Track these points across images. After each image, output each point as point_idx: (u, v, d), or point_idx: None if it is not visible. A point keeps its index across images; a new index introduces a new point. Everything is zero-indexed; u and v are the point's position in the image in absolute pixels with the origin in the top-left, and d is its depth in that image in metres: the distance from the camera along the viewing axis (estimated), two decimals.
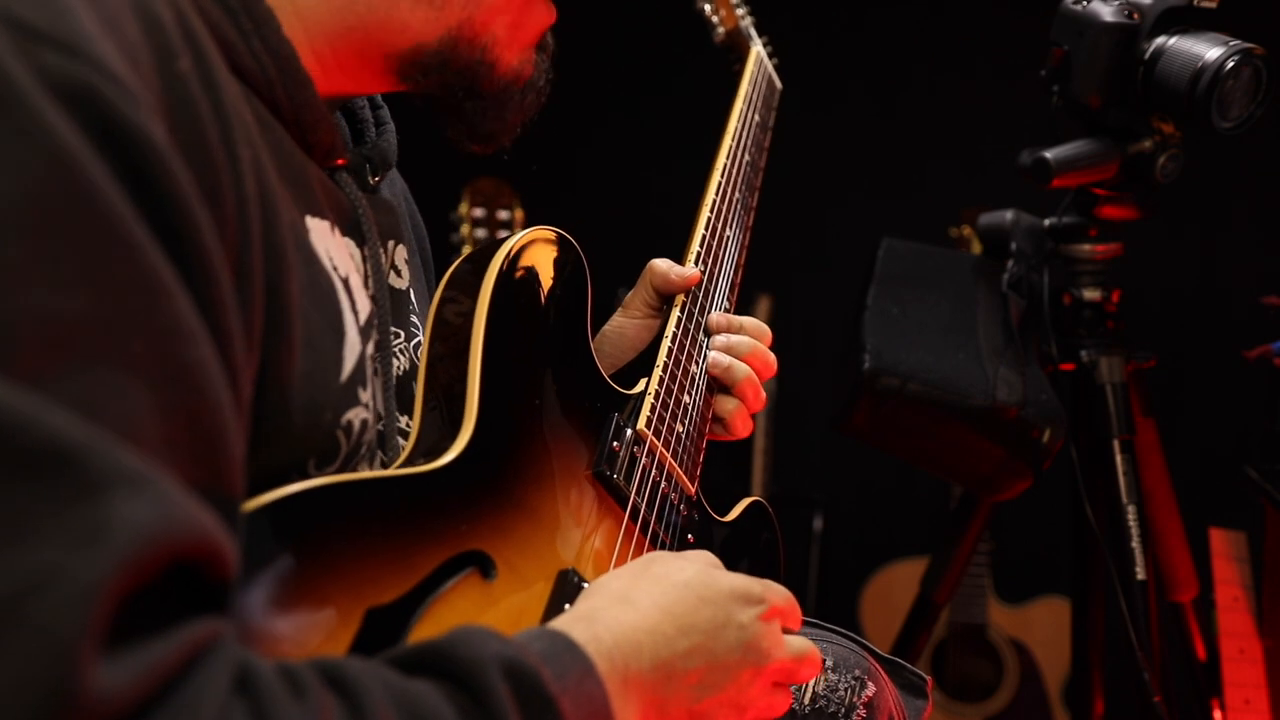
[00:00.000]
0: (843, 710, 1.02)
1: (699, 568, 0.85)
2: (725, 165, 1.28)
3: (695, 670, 0.80)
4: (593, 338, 1.04)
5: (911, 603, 2.00)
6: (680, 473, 1.05)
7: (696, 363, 1.12)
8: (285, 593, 0.69)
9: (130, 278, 0.57)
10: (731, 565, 0.91)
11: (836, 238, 2.87)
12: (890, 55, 2.87)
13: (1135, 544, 1.68)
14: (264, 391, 0.73)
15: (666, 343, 1.09)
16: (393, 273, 0.96)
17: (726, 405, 1.14)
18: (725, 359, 1.13)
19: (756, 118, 1.42)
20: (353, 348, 0.83)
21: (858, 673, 1.04)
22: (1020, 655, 2.59)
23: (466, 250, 2.26)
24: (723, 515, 1.12)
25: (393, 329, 0.94)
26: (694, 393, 1.10)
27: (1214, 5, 1.59)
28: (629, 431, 1.00)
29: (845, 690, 1.02)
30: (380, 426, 0.88)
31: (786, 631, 0.88)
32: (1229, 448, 2.48)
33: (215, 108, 0.67)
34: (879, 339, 1.71)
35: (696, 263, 1.16)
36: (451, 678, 0.67)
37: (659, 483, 1.01)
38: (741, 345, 1.14)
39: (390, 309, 0.92)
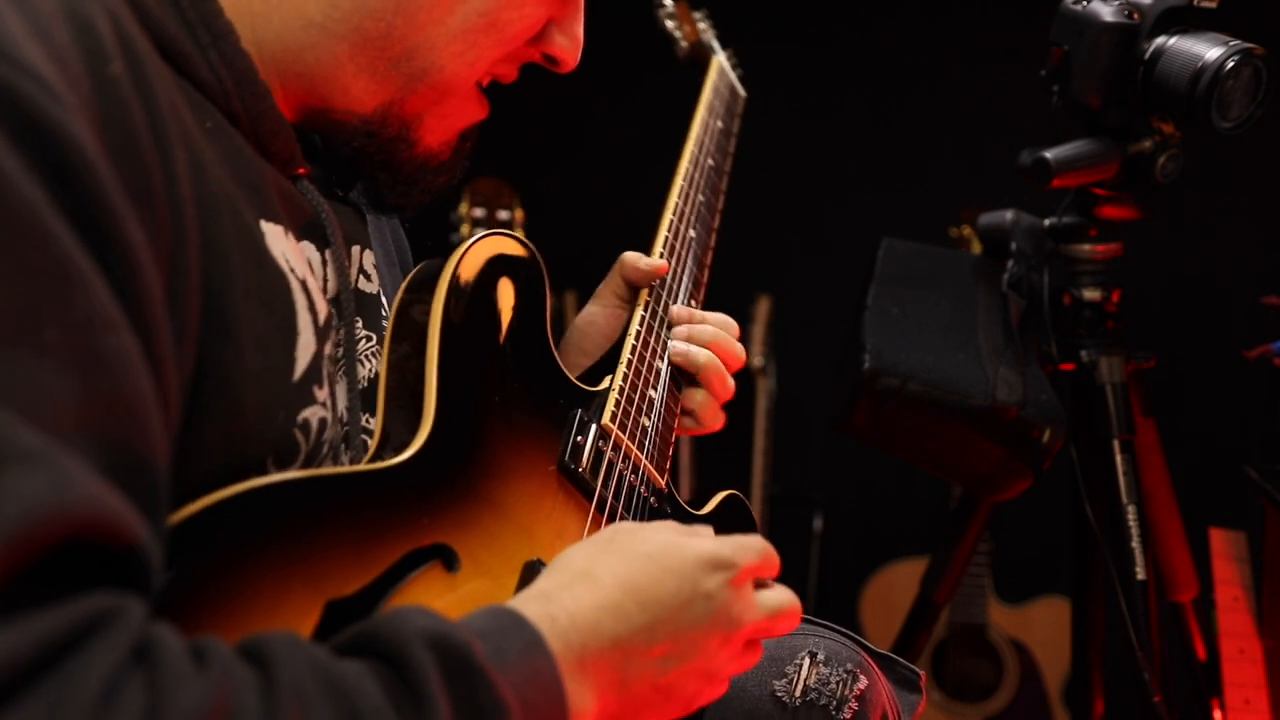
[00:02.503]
0: (834, 703, 1.02)
1: (665, 536, 0.83)
2: (689, 170, 1.32)
3: (659, 645, 0.79)
4: (555, 337, 1.06)
5: (911, 603, 2.00)
6: (649, 466, 1.06)
7: (661, 358, 1.14)
8: (244, 586, 0.70)
9: (43, 266, 0.58)
10: None
11: (836, 238, 2.87)
12: (890, 56, 2.87)
13: (1135, 544, 1.68)
14: (212, 392, 0.74)
15: (630, 340, 1.11)
16: (361, 277, 0.97)
17: (695, 397, 1.15)
18: (684, 345, 1.14)
19: (719, 124, 1.47)
20: (306, 348, 0.84)
21: (850, 666, 1.04)
22: (1020, 655, 2.59)
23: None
24: (697, 509, 1.13)
25: (365, 333, 0.95)
26: (659, 388, 1.11)
27: (1214, 5, 1.59)
28: (594, 426, 1.01)
29: (837, 684, 1.02)
30: (345, 427, 0.89)
31: (762, 586, 0.87)
32: (1229, 448, 2.48)
33: (149, 111, 0.69)
34: (879, 339, 1.71)
35: (666, 250, 1.20)
36: (378, 655, 0.67)
37: (626, 476, 1.02)
38: (703, 334, 1.16)
39: (358, 312, 0.93)
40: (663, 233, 1.23)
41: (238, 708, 0.59)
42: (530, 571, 0.87)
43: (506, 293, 1.00)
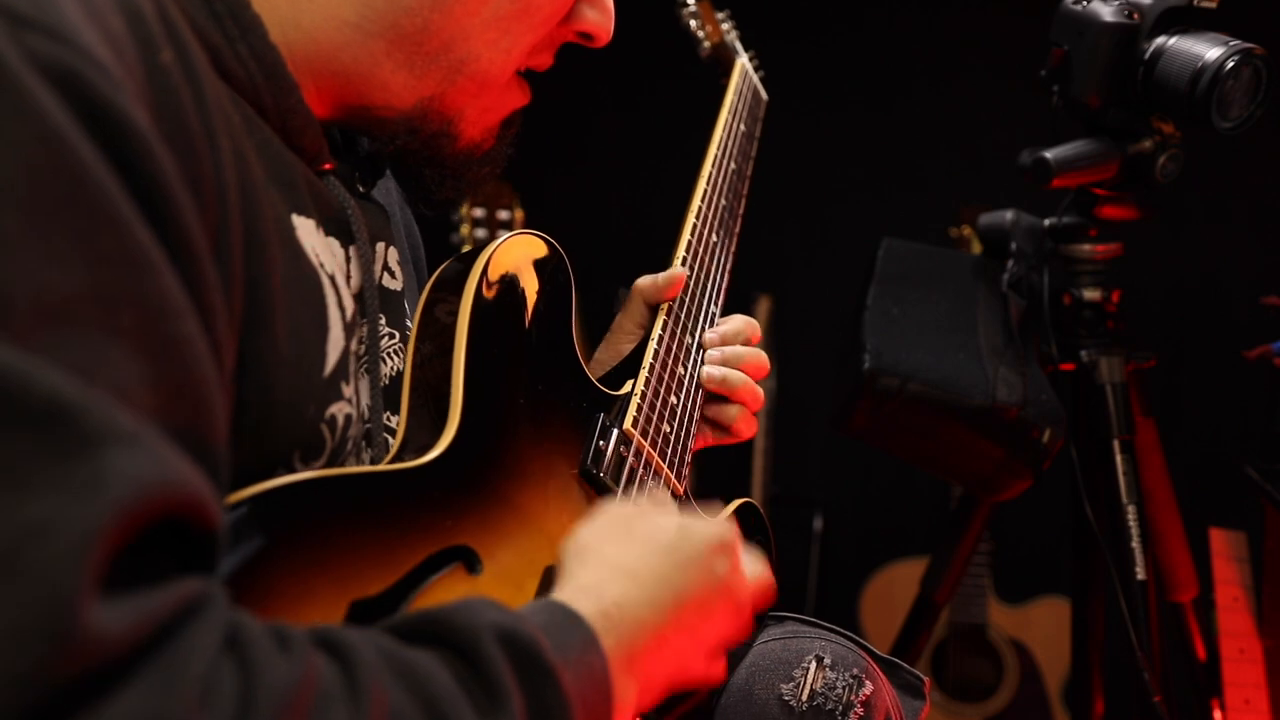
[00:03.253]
0: (840, 708, 1.02)
1: (677, 524, 0.86)
2: (711, 174, 1.32)
3: (687, 636, 0.82)
4: (581, 341, 1.06)
5: (911, 603, 2.00)
6: (668, 473, 1.06)
7: (684, 365, 1.14)
8: (270, 584, 0.70)
9: (119, 253, 0.59)
10: None
11: (836, 238, 2.87)
12: (890, 55, 2.87)
13: (1135, 544, 1.68)
14: (247, 379, 0.74)
15: (653, 345, 1.11)
16: (386, 274, 0.97)
17: (728, 412, 1.18)
18: (720, 371, 1.16)
19: (742, 128, 1.47)
20: (336, 343, 0.84)
21: (855, 671, 1.04)
22: (1020, 655, 2.59)
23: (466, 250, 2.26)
24: (713, 517, 1.12)
25: (388, 330, 0.95)
26: (682, 395, 1.12)
27: (1214, 5, 1.59)
28: (615, 431, 1.01)
29: (843, 688, 1.03)
30: (366, 424, 0.89)
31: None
32: (1229, 448, 2.49)
33: (197, 98, 0.69)
34: (879, 339, 1.72)
35: (682, 265, 1.19)
36: (448, 645, 0.67)
37: (646, 482, 1.02)
38: (736, 356, 1.18)
39: (382, 309, 0.94)
40: (686, 237, 1.22)
41: (324, 686, 0.60)
42: (550, 576, 0.87)
43: (532, 293, 0.99)
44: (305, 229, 0.84)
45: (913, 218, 2.48)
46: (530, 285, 0.99)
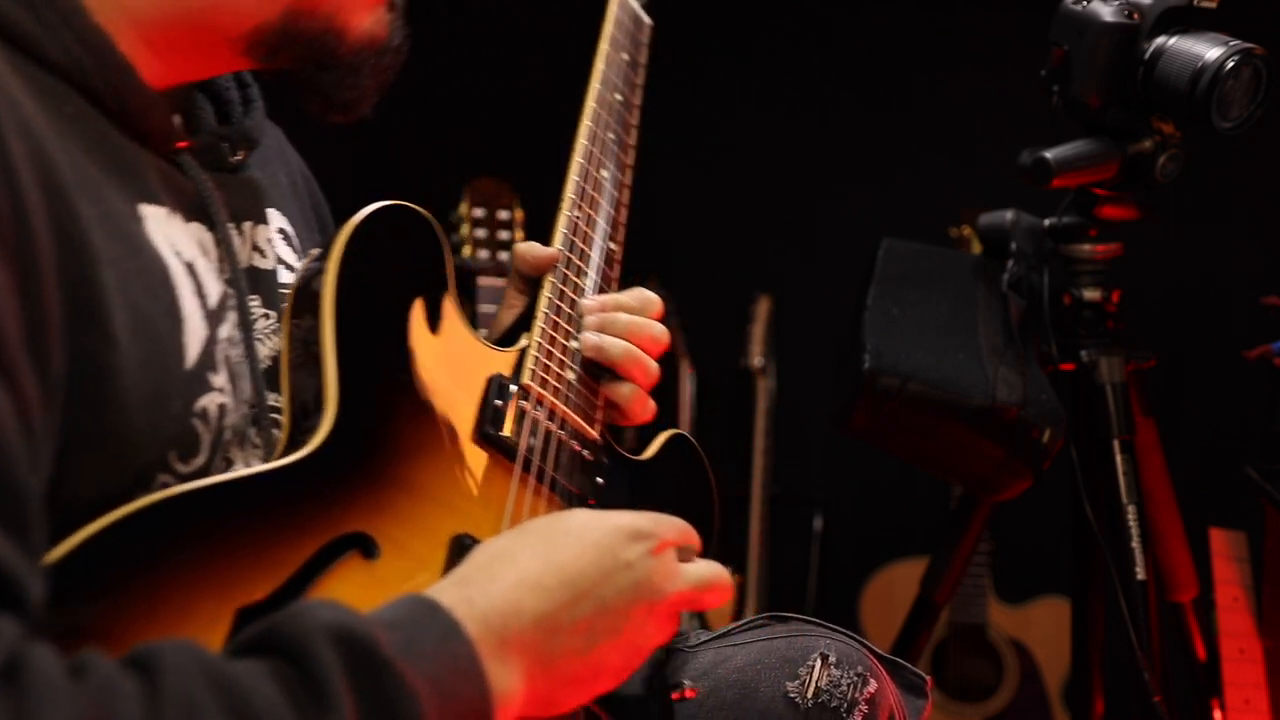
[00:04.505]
0: (845, 706, 1.01)
1: (584, 514, 0.84)
2: (594, 109, 1.26)
3: (583, 619, 0.78)
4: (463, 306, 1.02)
5: (911, 603, 2.00)
6: (577, 418, 1.03)
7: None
8: (146, 605, 0.69)
9: None
10: (655, 505, 0.89)
11: (837, 238, 2.87)
12: (891, 55, 2.87)
13: (1135, 544, 1.68)
14: (86, 385, 0.72)
15: (545, 293, 1.07)
16: (255, 254, 0.94)
17: (619, 390, 1.07)
18: (596, 337, 1.06)
19: (624, 56, 1.39)
20: (195, 333, 0.82)
21: (860, 669, 1.04)
22: (1020, 655, 2.59)
23: (466, 252, 2.26)
24: (638, 454, 1.09)
25: (262, 310, 0.92)
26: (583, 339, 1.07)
27: (1214, 5, 1.58)
28: (513, 387, 0.98)
29: (848, 686, 1.02)
30: (252, 409, 0.87)
31: (686, 560, 0.87)
32: (1229, 448, 2.48)
33: None
34: (879, 339, 1.71)
35: (573, 209, 1.14)
36: (279, 652, 0.65)
37: (552, 432, 0.99)
38: (616, 323, 1.07)
39: (253, 290, 0.90)
40: (573, 177, 1.17)
41: (116, 713, 0.58)
42: (457, 546, 0.85)
43: (404, 262, 0.95)
44: (156, 218, 0.81)
45: (913, 218, 2.48)
46: (401, 254, 0.95)
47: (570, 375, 1.04)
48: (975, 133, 2.73)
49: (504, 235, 2.32)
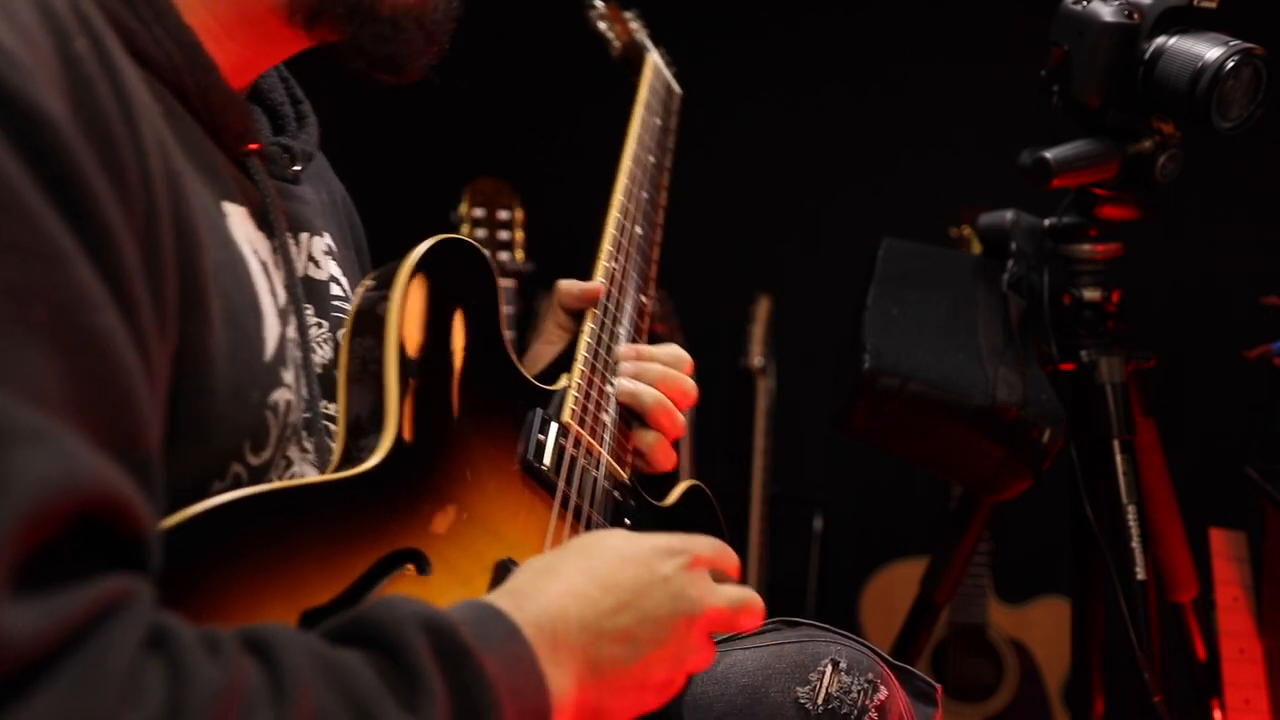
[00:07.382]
0: (855, 712, 1.02)
1: (623, 533, 0.86)
2: (630, 167, 1.35)
3: (626, 628, 0.80)
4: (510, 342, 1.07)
5: (911, 603, 2.00)
6: (610, 460, 1.07)
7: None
8: (220, 601, 0.71)
9: (29, 246, 0.58)
10: None
11: (836, 238, 2.87)
12: (891, 55, 2.87)
13: (1135, 544, 1.68)
14: (187, 368, 0.74)
15: (585, 338, 1.12)
16: (310, 264, 0.97)
17: (645, 438, 1.13)
18: (631, 384, 1.12)
19: (657, 121, 1.50)
20: (272, 329, 0.84)
21: (870, 676, 1.04)
22: (1020, 655, 2.59)
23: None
24: (660, 501, 1.14)
25: (316, 320, 0.95)
26: (617, 385, 1.13)
27: (1214, 5, 1.58)
28: (554, 424, 1.01)
29: (858, 692, 1.03)
30: (305, 412, 0.89)
31: (721, 580, 0.89)
32: (1229, 448, 2.48)
33: (114, 87, 0.68)
34: (879, 339, 1.71)
35: (610, 260, 1.20)
36: (373, 641, 0.67)
37: (588, 470, 1.03)
38: (650, 372, 1.14)
39: (309, 300, 0.93)
40: (610, 230, 1.24)
41: (251, 690, 0.60)
42: (501, 571, 0.88)
43: (462, 293, 0.99)
44: (237, 217, 0.84)
45: (913, 218, 2.48)
46: (459, 285, 0.99)
47: (605, 418, 1.08)
48: (975, 133, 2.73)
49: (504, 235, 2.32)
